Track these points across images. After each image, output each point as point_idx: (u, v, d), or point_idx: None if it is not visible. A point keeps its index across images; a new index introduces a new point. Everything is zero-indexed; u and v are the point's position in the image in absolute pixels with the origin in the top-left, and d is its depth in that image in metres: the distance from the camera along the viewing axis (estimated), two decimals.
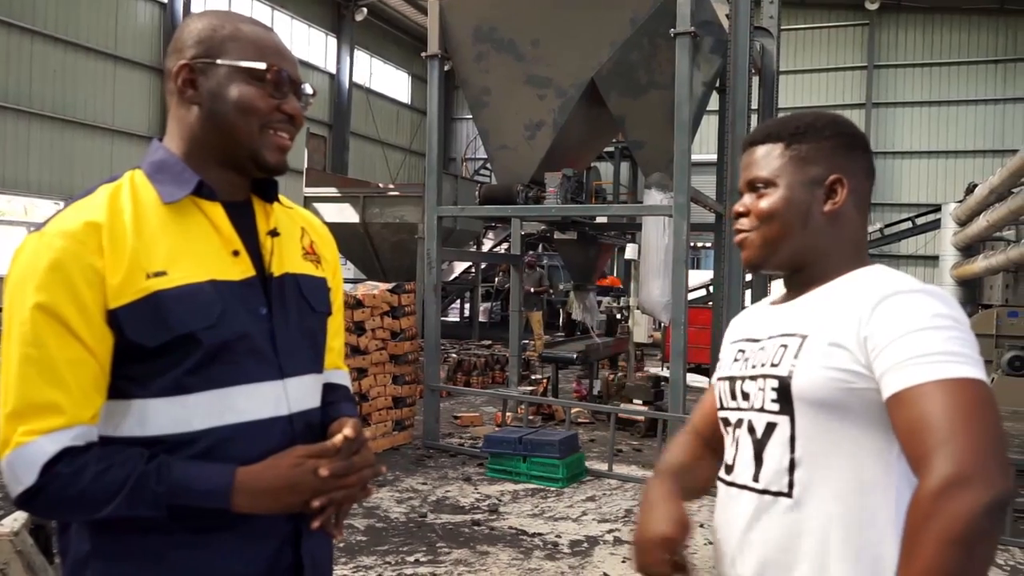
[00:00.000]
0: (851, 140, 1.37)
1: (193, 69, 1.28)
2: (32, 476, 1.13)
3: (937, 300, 1.18)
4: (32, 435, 1.13)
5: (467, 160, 26.85)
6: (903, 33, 23.29)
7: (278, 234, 1.37)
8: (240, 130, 1.28)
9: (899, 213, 21.36)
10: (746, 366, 1.37)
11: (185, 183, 1.27)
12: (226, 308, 1.24)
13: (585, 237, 9.50)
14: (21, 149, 15.93)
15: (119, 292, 1.18)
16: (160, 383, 1.20)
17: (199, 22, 1.32)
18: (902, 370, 1.13)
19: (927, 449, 1.07)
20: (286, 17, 22.60)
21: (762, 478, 1.29)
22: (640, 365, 11.23)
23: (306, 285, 1.39)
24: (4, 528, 3.23)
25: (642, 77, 7.06)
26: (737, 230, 1.39)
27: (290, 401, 1.31)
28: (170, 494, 1.16)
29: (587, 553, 4.74)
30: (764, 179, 1.35)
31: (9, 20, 15.52)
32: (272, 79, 1.29)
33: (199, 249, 1.26)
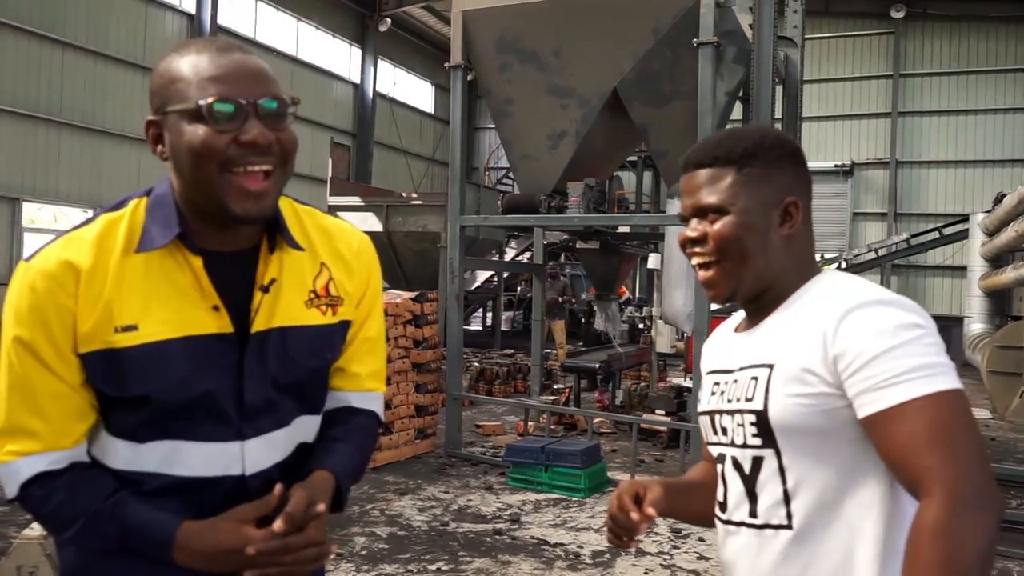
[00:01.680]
0: (795, 157, 1.35)
1: (158, 124, 1.23)
2: (13, 490, 1.23)
3: (898, 309, 1.18)
4: (13, 456, 1.22)
5: (490, 169, 26.91)
6: (929, 42, 23.07)
7: (274, 284, 1.30)
8: (201, 180, 1.18)
9: (925, 223, 21.07)
10: (722, 400, 1.35)
11: (169, 230, 1.23)
12: (191, 370, 1.23)
13: (607, 247, 9.50)
14: (52, 158, 16.21)
15: (87, 339, 1.20)
16: (117, 425, 1.26)
17: (157, 68, 1.25)
18: (877, 391, 1.13)
19: (920, 472, 1.09)
20: (311, 28, 22.83)
21: (760, 513, 1.27)
22: (663, 375, 11.19)
23: (296, 338, 1.32)
24: (34, 532, 3.29)
25: (665, 87, 7.06)
26: (694, 257, 1.33)
27: (246, 463, 1.29)
28: (119, 535, 1.22)
29: (609, 564, 4.72)
30: (716, 205, 1.29)
31: (41, 32, 15.83)
32: (215, 112, 1.15)
33: (178, 302, 1.23)
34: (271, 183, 1.21)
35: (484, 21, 7.40)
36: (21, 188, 15.81)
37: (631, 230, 9.24)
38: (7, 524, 4.91)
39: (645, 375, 10.93)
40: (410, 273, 14.52)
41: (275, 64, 21.16)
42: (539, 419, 8.29)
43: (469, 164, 27.06)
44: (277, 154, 1.20)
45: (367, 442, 1.49)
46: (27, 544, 3.21)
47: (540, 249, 10.17)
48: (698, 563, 4.78)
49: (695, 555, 4.91)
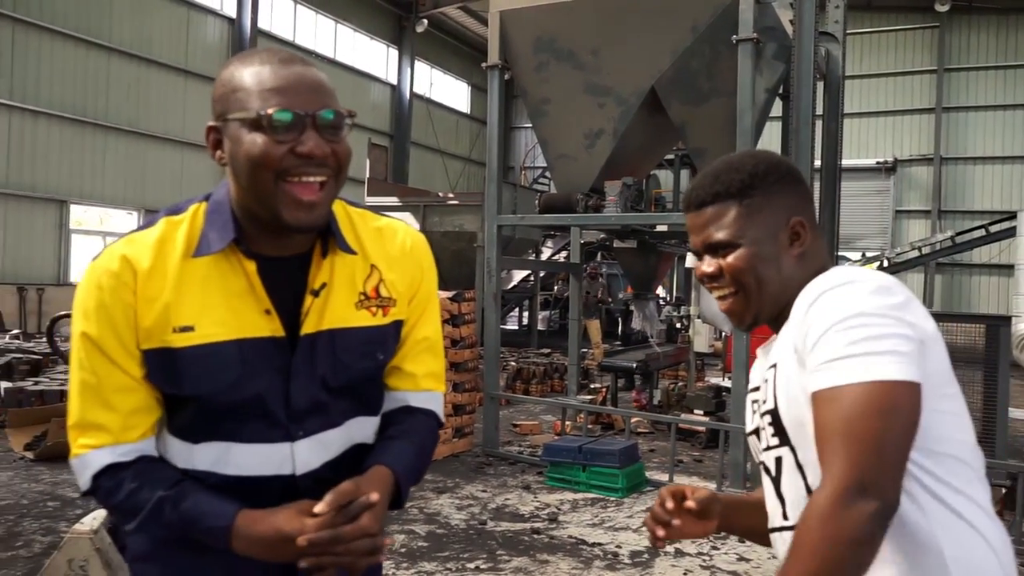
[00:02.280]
0: (791, 176, 1.37)
1: (218, 130, 1.26)
2: (85, 482, 1.28)
3: (862, 290, 1.17)
4: (86, 448, 1.27)
5: (526, 169, 26.94)
6: (975, 35, 22.58)
7: (325, 287, 1.33)
8: (256, 187, 1.21)
9: (971, 220, 20.65)
10: (758, 416, 1.38)
11: (224, 236, 1.26)
12: (244, 372, 1.27)
13: (645, 246, 9.44)
14: (98, 162, 16.60)
15: (146, 336, 1.25)
16: (175, 423, 1.31)
17: (220, 76, 1.28)
18: (816, 372, 1.16)
19: (827, 454, 1.11)
20: (348, 30, 23.07)
21: (790, 514, 1.28)
22: (701, 375, 11.11)
23: (346, 340, 1.35)
24: (84, 526, 3.37)
25: (703, 84, 7.00)
26: (714, 291, 1.38)
27: (296, 463, 1.32)
28: (180, 523, 1.25)
29: (647, 564, 4.70)
30: (725, 241, 1.33)
31: (88, 38, 16.21)
32: (274, 123, 1.18)
33: (232, 305, 1.27)
34: (324, 194, 1.24)
35: (521, 21, 7.40)
36: (69, 191, 16.20)
37: (668, 229, 9.18)
38: (58, 519, 5.04)
39: (683, 374, 10.87)
40: (447, 273, 14.60)
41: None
42: (576, 418, 8.28)
43: (505, 163, 27.14)
44: (332, 165, 1.23)
45: (427, 441, 1.48)
46: (77, 538, 3.29)
47: (577, 248, 10.15)
48: (738, 564, 4.73)
49: (735, 556, 4.87)
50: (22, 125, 15.34)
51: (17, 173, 15.33)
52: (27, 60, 15.30)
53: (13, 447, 6.78)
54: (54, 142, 15.82)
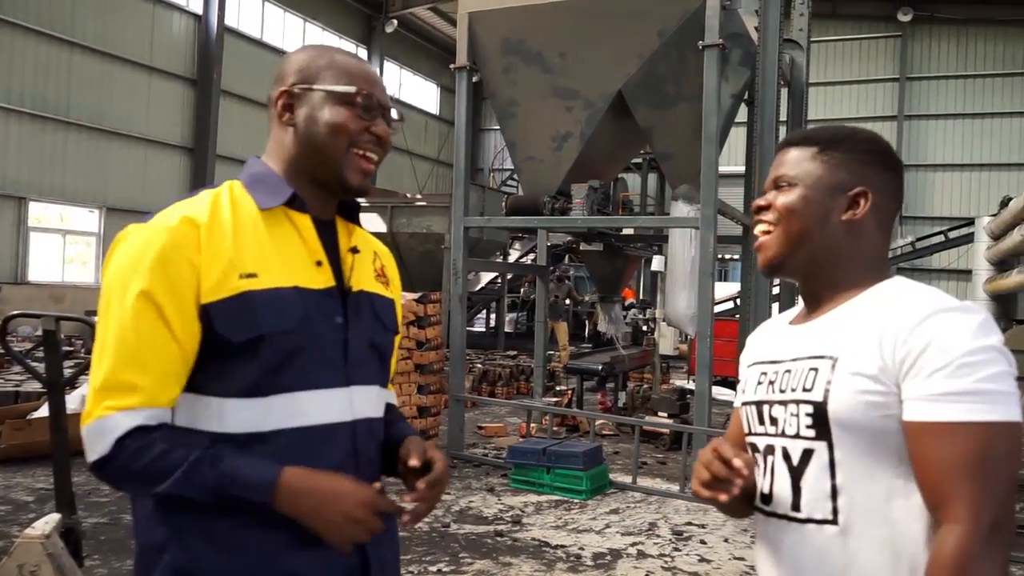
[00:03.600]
0: (885, 159, 1.36)
1: (292, 95, 1.39)
2: (106, 446, 1.23)
3: (977, 325, 1.16)
4: (111, 410, 1.23)
5: (495, 171, 26.94)
6: (936, 45, 23.04)
7: (358, 251, 1.46)
8: (329, 149, 1.37)
9: (931, 226, 21.07)
10: (772, 390, 1.34)
11: (280, 194, 1.37)
12: (306, 315, 1.33)
13: (611, 249, 9.49)
14: (58, 158, 16.27)
15: (214, 288, 1.27)
16: (238, 382, 1.28)
17: (300, 54, 1.43)
18: (936, 402, 1.13)
19: (958, 493, 1.10)
20: (317, 28, 22.89)
21: (803, 507, 1.26)
22: (666, 377, 11.19)
23: (378, 304, 1.48)
24: (35, 531, 3.29)
25: (670, 89, 7.06)
26: (758, 225, 1.39)
27: (354, 408, 1.38)
28: (218, 481, 1.23)
29: (610, 566, 4.71)
30: (789, 178, 1.35)
31: (50, 32, 15.89)
32: (362, 102, 1.38)
33: (287, 256, 1.35)
34: (375, 168, 1.44)
35: (490, 23, 7.40)
36: (28, 187, 15.87)
37: (635, 232, 9.24)
38: (9, 523, 4.93)
39: (648, 377, 10.94)
40: (414, 274, 14.53)
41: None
42: (541, 420, 8.29)
43: (474, 165, 27.10)
44: (386, 150, 1.44)
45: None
46: (28, 543, 3.21)
47: (544, 251, 10.16)
48: (699, 566, 4.77)
49: (696, 557, 4.90)
50: None
51: None
52: None
53: None
54: (13, 137, 15.47)
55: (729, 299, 15.76)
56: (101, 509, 5.35)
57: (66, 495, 3.62)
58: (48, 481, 3.81)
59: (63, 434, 3.61)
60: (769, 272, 1.40)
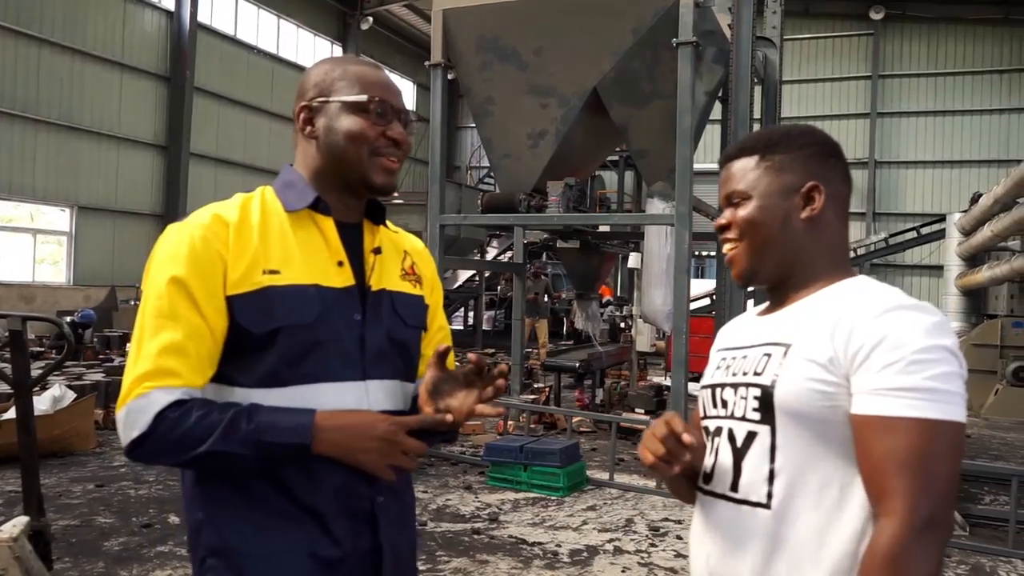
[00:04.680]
0: (825, 148, 1.37)
1: (311, 109, 1.48)
2: (146, 422, 1.29)
3: (932, 324, 1.17)
4: (150, 388, 1.30)
5: (472, 168, 26.90)
6: (908, 43, 23.29)
7: (380, 252, 1.53)
8: (351, 156, 1.45)
9: (904, 223, 21.31)
10: (727, 373, 1.37)
11: (306, 197, 1.46)
12: (324, 310, 1.40)
13: (588, 246, 9.51)
14: (28, 156, 16.01)
15: (238, 282, 1.36)
16: (261, 373, 1.37)
17: (316, 68, 1.51)
18: (883, 396, 1.15)
19: (895, 487, 1.12)
20: (292, 26, 22.71)
21: (741, 488, 1.28)
22: (643, 374, 11.23)
23: (401, 302, 1.54)
24: (3, 534, 3.24)
25: (645, 86, 7.08)
26: (725, 243, 1.40)
27: (370, 400, 1.44)
28: (258, 431, 1.30)
29: (587, 563, 4.72)
30: (740, 192, 1.36)
31: (17, 28, 15.62)
32: (375, 108, 1.45)
33: (309, 256, 1.43)
34: (399, 167, 1.51)
35: (464, 20, 7.39)
36: None
37: (611, 229, 9.26)
38: None
39: (626, 374, 10.98)
40: None
41: (255, 62, 21.06)
42: (519, 418, 8.29)
43: (451, 163, 27.08)
44: (405, 151, 1.51)
45: None
46: None
47: (520, 248, 10.17)
48: (675, 561, 4.79)
49: (673, 553, 4.93)
50: None
51: None
52: None
53: None
54: None
55: (705, 296, 15.84)
56: (72, 511, 5.28)
57: (34, 497, 3.57)
58: (18, 484, 3.75)
59: (31, 436, 3.56)
60: (744, 284, 1.42)
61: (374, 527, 1.43)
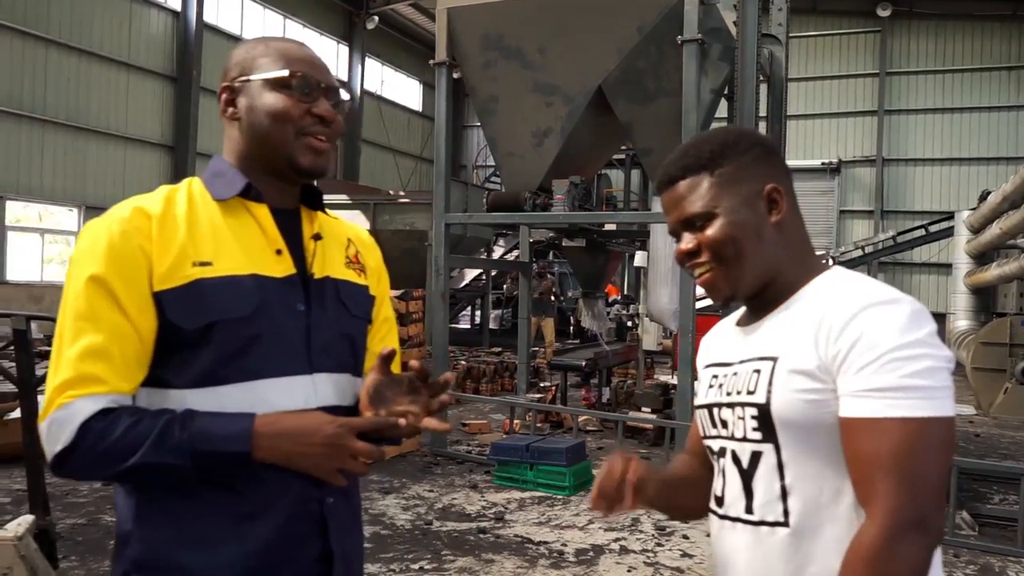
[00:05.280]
0: (764, 147, 1.34)
1: (232, 89, 1.39)
2: (69, 435, 1.19)
3: (907, 318, 1.15)
4: (72, 397, 1.20)
5: (478, 167, 26.89)
6: (915, 40, 23.17)
7: (321, 238, 1.44)
8: (274, 136, 1.36)
9: (912, 220, 21.19)
10: (720, 392, 1.33)
11: (235, 184, 1.37)
12: (264, 302, 1.31)
13: (594, 245, 9.49)
14: (35, 156, 16.08)
15: (166, 276, 1.26)
16: (195, 373, 1.27)
17: (238, 49, 1.43)
18: (863, 398, 1.12)
19: (874, 489, 1.10)
20: (298, 26, 22.74)
21: (756, 509, 1.25)
22: (650, 373, 11.20)
23: (346, 290, 1.46)
24: (8, 533, 3.25)
25: (650, 84, 7.06)
26: (695, 269, 1.33)
27: (318, 396, 1.35)
28: (192, 440, 1.20)
29: (592, 562, 4.71)
30: (701, 213, 1.29)
31: (24, 29, 15.69)
32: (297, 84, 1.36)
33: (245, 245, 1.34)
34: (329, 146, 1.42)
35: (468, 18, 7.38)
36: (5, 186, 15.67)
37: (617, 228, 9.24)
38: None
39: (632, 373, 10.95)
40: (397, 271, 14.28)
41: None
42: (525, 417, 8.28)
43: (457, 162, 27.06)
44: (335, 131, 1.41)
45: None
46: (1, 546, 3.17)
47: (526, 247, 10.16)
48: (681, 560, 4.77)
49: (679, 552, 4.91)
50: None
51: None
52: None
53: None
54: None
55: None
56: (79, 510, 5.29)
57: (40, 496, 3.58)
58: (25, 482, 3.76)
59: (35, 435, 3.56)
60: (725, 305, 1.38)
61: (323, 531, 1.34)
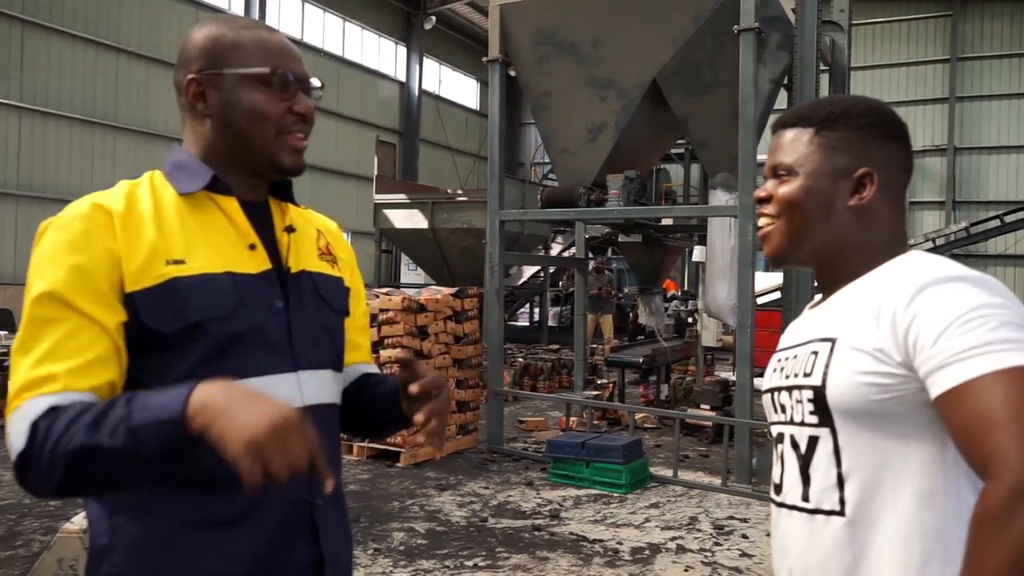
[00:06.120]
0: (889, 130, 1.27)
1: (201, 82, 1.29)
2: (22, 436, 1.09)
3: (976, 286, 1.09)
4: (25, 399, 1.12)
5: (536, 165, 26.87)
6: (989, 23, 22.30)
7: (294, 230, 1.38)
8: (255, 137, 1.29)
9: (986, 211, 20.42)
10: (781, 376, 1.29)
11: (201, 177, 1.29)
12: (241, 300, 1.24)
13: (650, 240, 9.37)
14: (108, 162, 16.67)
15: (137, 277, 1.18)
16: (174, 374, 1.17)
17: (201, 33, 1.32)
18: (950, 366, 1.04)
19: (993, 447, 0.99)
20: (356, 27, 23.05)
21: (812, 497, 1.20)
22: (710, 370, 11.02)
23: (323, 284, 1.39)
24: (74, 526, 3.36)
25: (706, 76, 6.93)
26: (760, 217, 1.31)
27: (304, 394, 1.29)
28: (128, 413, 1.07)
29: (648, 561, 4.65)
30: (787, 166, 1.27)
31: (96, 39, 16.27)
32: (278, 82, 1.29)
33: (216, 242, 1.26)
34: (306, 144, 1.36)
35: (521, 14, 7.36)
36: (79, 191, 16.23)
37: (674, 222, 9.11)
38: (59, 518, 5.04)
39: (692, 369, 10.79)
40: (455, 270, 14.57)
41: (322, 64, 21.43)
42: (582, 414, 8.23)
43: (515, 159, 27.10)
44: (311, 124, 1.35)
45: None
46: (67, 538, 3.28)
47: (581, 243, 10.10)
48: (740, 560, 4.68)
49: (738, 552, 4.81)
50: (32, 127, 15.43)
51: (28, 174, 15.42)
52: (36, 62, 15.38)
53: None
54: (64, 143, 15.89)
55: (775, 289, 15.46)
56: None
57: None
58: None
59: None
60: (776, 264, 1.34)
61: (315, 536, 1.28)
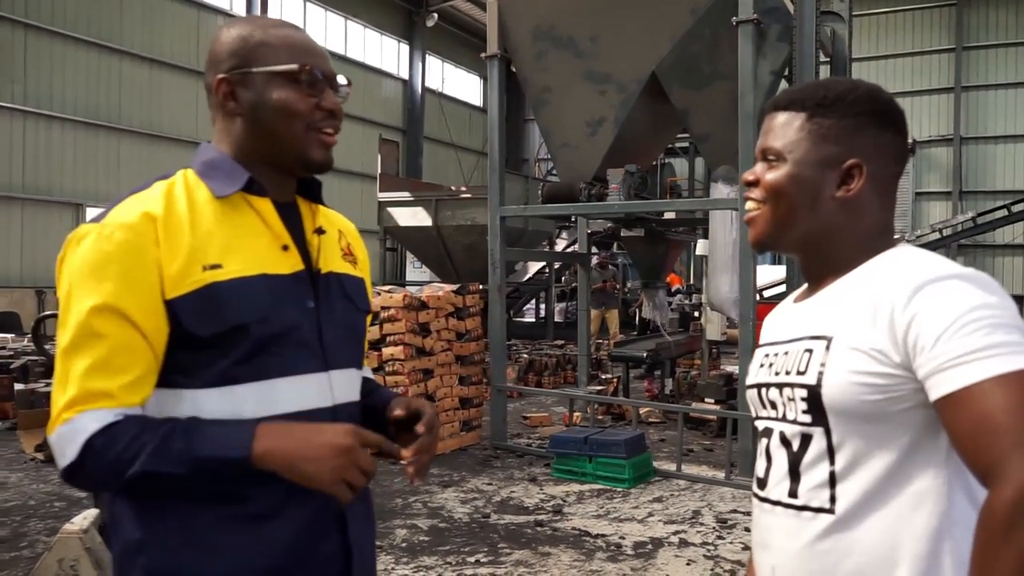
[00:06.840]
0: (883, 118, 1.24)
1: (231, 81, 1.32)
2: (75, 451, 1.16)
3: (974, 286, 1.08)
4: (78, 411, 1.16)
5: (540, 161, 26.85)
6: (994, 11, 22.16)
7: (324, 232, 1.41)
8: (285, 134, 1.32)
9: (993, 201, 20.31)
10: (770, 372, 1.28)
11: (236, 179, 1.31)
12: (276, 301, 1.28)
13: (652, 234, 9.36)
14: (112, 164, 16.73)
15: (176, 283, 1.21)
16: (209, 374, 1.23)
17: (229, 33, 1.35)
18: (951, 369, 1.03)
19: (997, 453, 0.98)
20: (359, 26, 23.07)
21: (801, 494, 1.19)
22: (715, 363, 11.00)
23: (348, 284, 1.44)
24: (74, 526, 3.37)
25: (705, 68, 6.91)
26: (748, 201, 1.29)
27: (334, 393, 1.34)
28: (191, 446, 1.16)
29: (651, 555, 4.64)
30: (776, 151, 1.24)
31: (99, 42, 16.32)
32: (307, 79, 1.32)
33: (251, 243, 1.29)
34: (336, 140, 1.39)
35: (519, 9, 7.35)
36: (84, 194, 16.34)
37: (677, 216, 9.09)
38: (64, 519, 5.05)
39: (697, 363, 10.77)
40: (460, 266, 14.57)
41: None
42: (587, 409, 8.22)
43: (519, 156, 27.07)
44: (340, 120, 1.38)
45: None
46: (67, 538, 3.29)
47: (584, 238, 10.08)
48: (743, 554, 4.66)
49: (740, 545, 4.80)
50: (36, 130, 15.50)
51: (33, 177, 15.49)
52: (39, 65, 15.44)
53: (24, 449, 6.84)
54: (68, 146, 15.96)
55: (780, 282, 15.43)
56: None
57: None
58: None
59: None
60: (759, 249, 1.33)
61: (343, 527, 1.33)
